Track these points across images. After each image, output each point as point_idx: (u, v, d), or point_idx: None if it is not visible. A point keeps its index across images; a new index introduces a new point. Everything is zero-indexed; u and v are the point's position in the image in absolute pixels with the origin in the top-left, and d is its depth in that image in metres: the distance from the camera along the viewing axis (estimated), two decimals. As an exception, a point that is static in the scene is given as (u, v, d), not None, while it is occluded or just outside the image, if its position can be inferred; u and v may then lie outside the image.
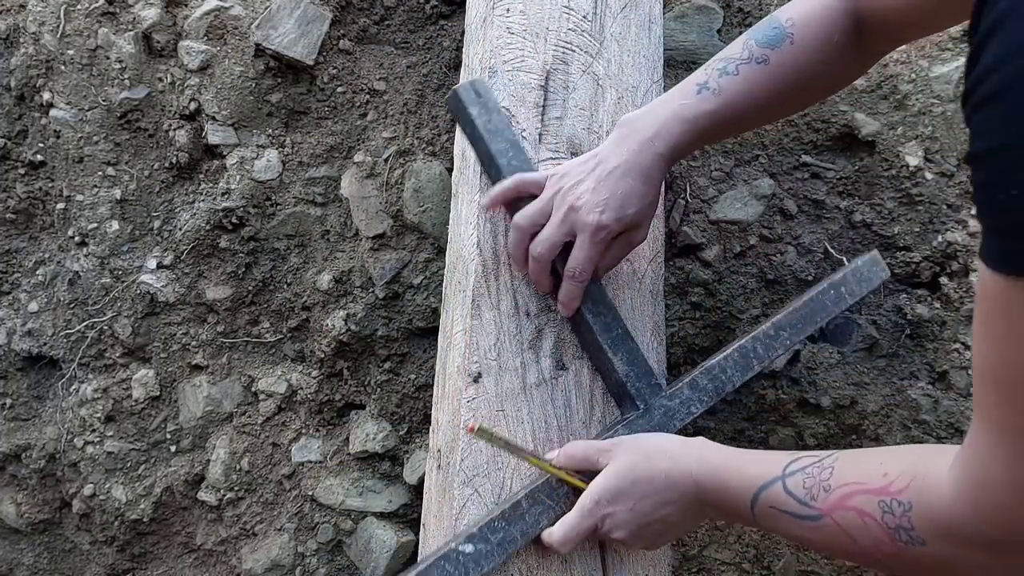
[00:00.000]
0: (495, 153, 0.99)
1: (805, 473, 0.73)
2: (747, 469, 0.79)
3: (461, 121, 1.03)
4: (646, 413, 0.97)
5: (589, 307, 0.98)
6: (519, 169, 0.99)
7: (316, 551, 1.41)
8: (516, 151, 1.00)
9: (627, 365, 0.98)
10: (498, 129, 1.00)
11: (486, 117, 1.00)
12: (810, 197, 1.28)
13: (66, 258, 1.48)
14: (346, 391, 1.41)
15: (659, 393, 0.99)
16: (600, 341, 0.98)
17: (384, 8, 1.45)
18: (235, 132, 1.41)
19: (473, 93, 1.01)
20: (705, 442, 0.87)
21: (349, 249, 1.41)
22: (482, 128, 1.00)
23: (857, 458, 0.72)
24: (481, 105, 1.01)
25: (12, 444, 1.50)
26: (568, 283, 0.95)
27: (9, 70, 1.50)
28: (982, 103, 0.48)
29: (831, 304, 1.11)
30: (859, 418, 1.22)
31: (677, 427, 0.98)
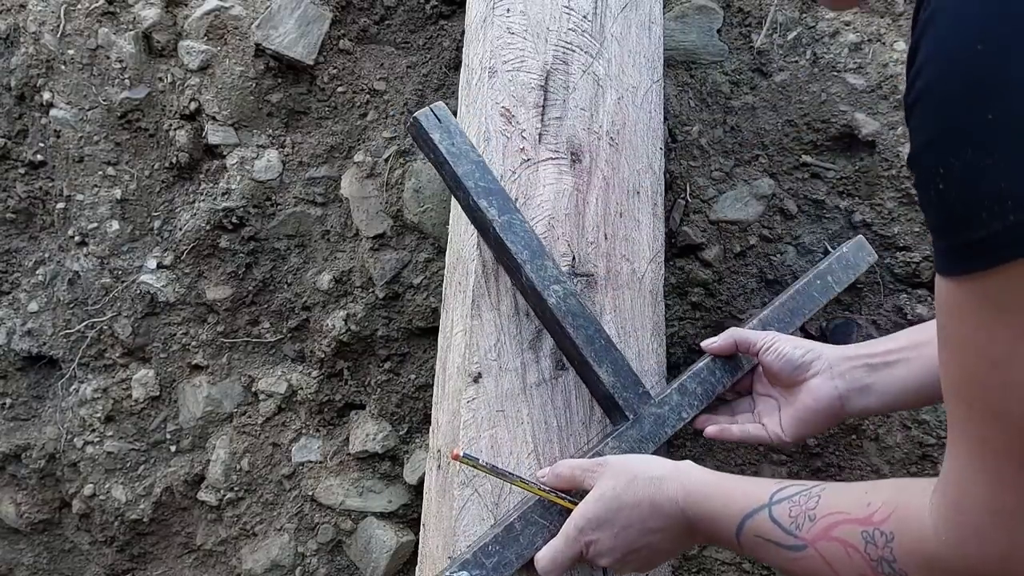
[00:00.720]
0: (461, 176, 0.98)
1: (791, 501, 0.72)
2: (734, 496, 0.78)
3: (424, 147, 1.02)
4: (636, 423, 0.96)
5: (570, 321, 0.96)
6: (487, 190, 0.98)
7: (316, 551, 1.41)
8: (482, 172, 0.99)
9: (613, 376, 0.97)
10: (462, 151, 1.00)
11: (449, 141, 1.00)
12: (810, 197, 1.28)
13: (66, 258, 1.48)
14: (346, 391, 1.41)
15: (648, 401, 0.98)
16: (584, 354, 0.96)
17: (384, 8, 1.45)
18: (235, 132, 1.41)
19: (433, 118, 1.00)
20: (691, 466, 0.85)
21: (349, 249, 1.41)
22: (445, 152, 0.99)
23: (843, 488, 0.71)
24: (443, 130, 1.00)
25: (12, 444, 1.50)
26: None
27: (9, 70, 1.50)
28: (913, 103, 0.48)
29: (818, 295, 1.09)
30: (859, 418, 1.22)
31: (669, 434, 0.97)
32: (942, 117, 0.45)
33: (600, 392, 0.99)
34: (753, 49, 1.32)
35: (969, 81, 0.43)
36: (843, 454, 1.24)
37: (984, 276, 0.46)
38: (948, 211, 0.46)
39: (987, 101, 0.42)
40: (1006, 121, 0.42)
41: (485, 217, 0.97)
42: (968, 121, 0.43)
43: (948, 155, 0.45)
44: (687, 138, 1.31)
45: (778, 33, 1.32)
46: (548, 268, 0.97)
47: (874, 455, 1.22)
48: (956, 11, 0.44)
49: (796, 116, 1.29)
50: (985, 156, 0.43)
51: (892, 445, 1.21)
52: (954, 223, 0.46)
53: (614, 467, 0.87)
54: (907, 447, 1.21)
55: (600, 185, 1.09)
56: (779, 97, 1.30)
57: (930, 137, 0.46)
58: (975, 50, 0.42)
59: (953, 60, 0.44)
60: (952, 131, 0.44)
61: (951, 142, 0.44)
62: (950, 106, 0.44)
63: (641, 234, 1.10)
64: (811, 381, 0.94)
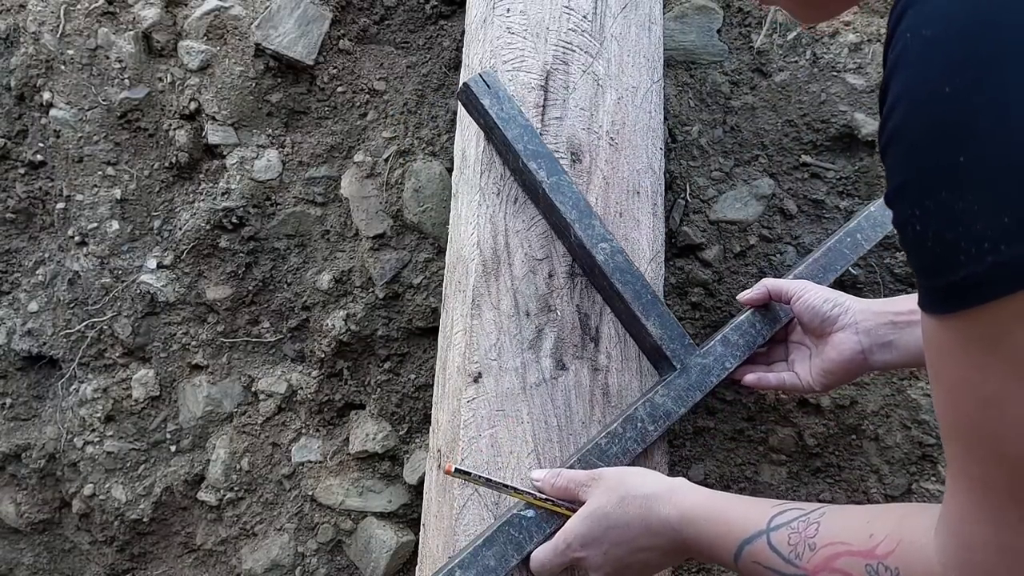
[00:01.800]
0: (511, 139, 1.03)
1: (790, 528, 0.71)
2: (731, 520, 0.77)
3: (474, 112, 1.07)
4: (684, 372, 1.01)
5: (618, 277, 1.01)
6: (536, 153, 1.03)
7: (316, 551, 1.41)
8: (531, 136, 1.04)
9: (660, 328, 1.01)
10: (511, 116, 1.04)
11: (498, 106, 1.05)
12: (810, 197, 1.28)
13: (66, 258, 1.48)
14: (346, 391, 1.41)
15: (693, 352, 1.02)
16: (632, 308, 1.01)
17: (384, 8, 1.45)
18: (235, 132, 1.41)
19: (483, 84, 1.06)
20: (686, 485, 0.84)
21: (349, 249, 1.41)
22: (496, 117, 1.04)
23: (844, 515, 0.70)
24: (492, 95, 1.05)
25: (12, 444, 1.50)
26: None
27: (9, 70, 1.50)
28: (886, 145, 0.48)
29: (849, 252, 1.13)
30: (859, 418, 1.22)
31: (714, 383, 1.02)
32: (914, 160, 0.45)
33: (648, 344, 1.03)
34: (753, 49, 1.33)
35: (938, 123, 0.43)
36: (843, 454, 1.24)
37: (968, 315, 0.46)
38: (927, 252, 0.46)
39: (957, 143, 0.42)
40: (977, 163, 0.42)
41: (535, 179, 1.02)
42: (940, 164, 0.43)
43: (922, 197, 0.45)
44: (687, 138, 1.31)
45: (778, 33, 1.32)
46: (595, 227, 1.02)
47: (874, 455, 1.22)
48: (923, 53, 0.44)
49: (796, 116, 1.29)
50: (958, 198, 0.43)
51: (892, 445, 1.21)
52: (934, 264, 0.46)
53: (608, 482, 0.87)
54: (907, 447, 1.21)
55: (600, 185, 1.09)
56: (779, 97, 1.30)
57: (904, 179, 0.46)
58: (943, 92, 0.42)
59: (922, 102, 0.44)
60: (925, 174, 0.44)
61: (924, 185, 0.44)
62: (921, 149, 0.44)
63: (641, 234, 1.10)
64: (836, 335, 0.96)
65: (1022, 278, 0.42)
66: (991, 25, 0.41)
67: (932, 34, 0.43)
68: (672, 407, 0.99)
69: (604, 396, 1.02)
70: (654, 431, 0.97)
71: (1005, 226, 0.41)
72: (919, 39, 0.44)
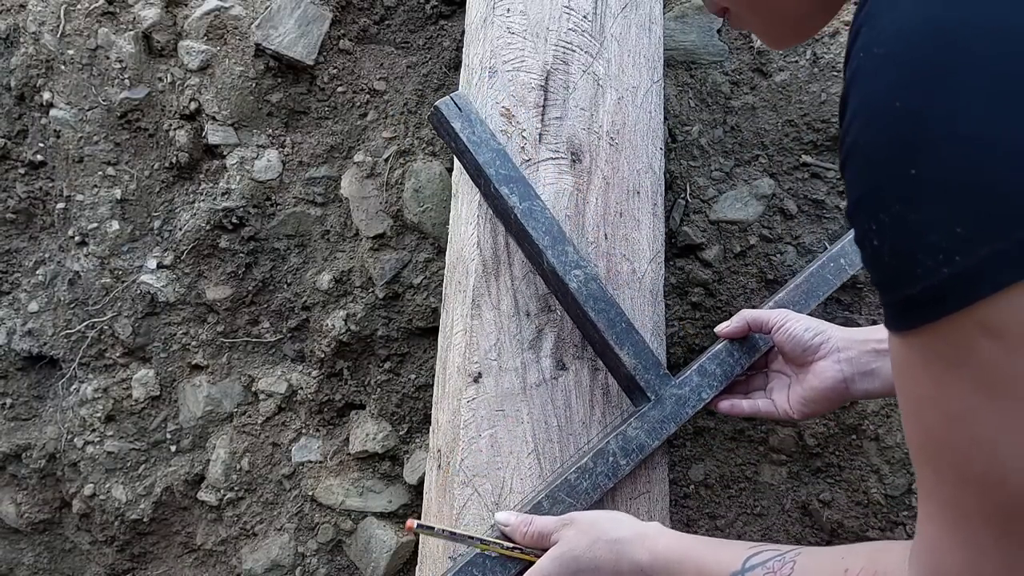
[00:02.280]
0: (482, 164, 1.01)
1: (765, 568, 0.70)
2: (705, 563, 0.76)
3: (445, 136, 1.05)
4: (658, 403, 0.98)
5: (591, 304, 0.98)
6: (508, 177, 1.01)
7: (316, 551, 1.41)
8: (503, 160, 1.01)
9: (634, 358, 0.99)
10: (483, 140, 1.02)
11: (469, 130, 1.02)
12: (810, 197, 1.28)
13: (66, 258, 1.48)
14: (346, 391, 1.41)
15: (669, 382, 1.00)
16: (605, 337, 0.98)
17: (384, 8, 1.45)
18: (235, 132, 1.41)
19: (454, 107, 1.03)
20: (660, 529, 0.83)
21: (349, 249, 1.41)
22: (467, 140, 1.02)
23: (818, 554, 0.69)
24: (464, 118, 1.03)
25: (12, 444, 1.50)
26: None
27: (9, 70, 1.50)
28: (845, 160, 0.48)
29: (832, 277, 1.10)
30: (859, 418, 1.22)
31: (690, 414, 0.99)
32: (869, 174, 0.45)
33: (622, 374, 1.00)
34: (753, 49, 1.32)
35: (891, 138, 0.43)
36: (843, 454, 1.24)
37: (928, 330, 0.45)
38: (885, 267, 0.46)
39: (909, 157, 0.42)
40: (929, 176, 0.42)
41: (506, 204, 1.00)
42: (893, 177, 0.43)
43: (878, 211, 0.45)
44: (687, 138, 1.31)
45: (778, 33, 1.32)
46: (569, 253, 0.99)
47: (874, 455, 1.22)
48: (875, 70, 0.44)
49: (796, 116, 1.29)
50: (912, 211, 0.43)
51: (892, 445, 1.21)
52: (891, 278, 0.46)
53: (580, 525, 0.85)
54: (907, 448, 1.21)
55: (600, 185, 1.09)
56: (779, 97, 1.30)
57: (860, 194, 0.46)
58: (894, 107, 0.42)
59: (874, 117, 0.44)
60: (879, 188, 0.44)
61: (879, 198, 0.44)
62: (875, 163, 0.44)
63: (641, 234, 1.10)
64: (818, 363, 0.94)
65: (977, 289, 0.41)
66: (941, 41, 0.41)
67: (884, 52, 0.44)
68: (645, 440, 0.96)
69: (604, 396, 1.02)
70: (626, 465, 0.95)
71: (958, 236, 0.41)
72: (871, 57, 0.45)
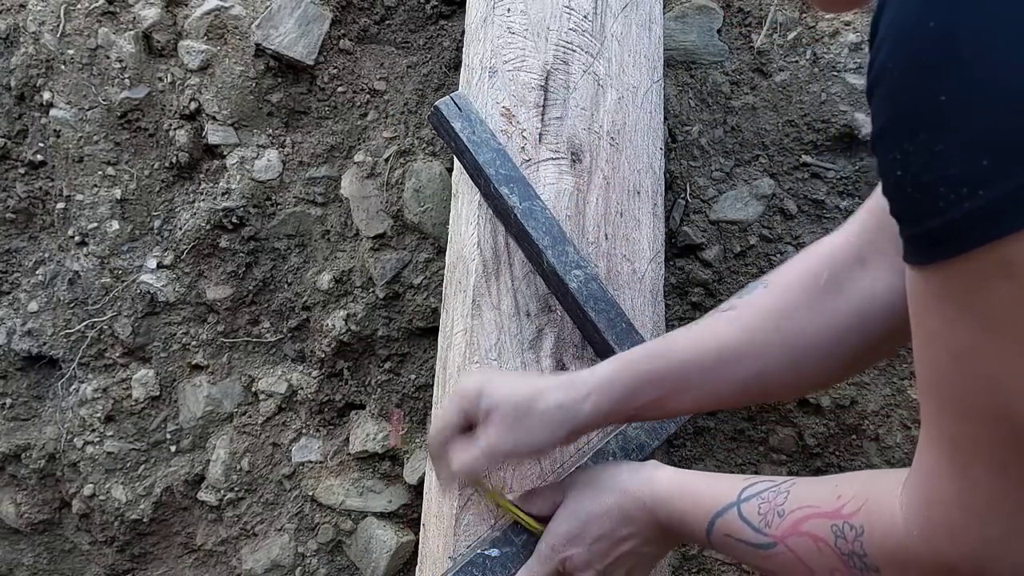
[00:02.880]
0: (483, 164, 1.00)
1: (760, 498, 0.70)
2: (702, 495, 0.75)
3: (445, 135, 1.04)
4: None
5: (591, 305, 0.98)
6: (508, 177, 1.00)
7: (316, 551, 1.41)
8: (503, 159, 1.01)
9: None
10: (483, 140, 1.01)
11: (470, 129, 1.02)
12: (810, 197, 1.28)
13: (66, 258, 1.48)
14: (346, 391, 1.41)
15: None
16: (606, 337, 0.98)
17: (384, 8, 1.45)
18: (235, 132, 1.41)
19: (454, 107, 1.03)
20: (657, 466, 0.83)
21: (349, 249, 1.41)
22: (467, 140, 1.01)
23: (813, 482, 0.68)
24: (464, 118, 1.02)
25: (12, 444, 1.50)
26: None
27: (9, 70, 1.50)
28: (871, 86, 0.46)
29: None
30: (859, 418, 1.22)
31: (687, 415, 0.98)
32: (896, 99, 0.43)
33: None
34: (753, 49, 1.32)
35: (922, 60, 0.40)
36: (843, 454, 1.24)
37: (945, 266, 0.44)
38: (906, 198, 0.44)
39: (939, 81, 0.40)
40: (958, 101, 0.39)
41: (506, 204, 0.99)
42: (921, 103, 0.41)
43: (903, 140, 0.42)
44: (687, 138, 1.31)
45: (778, 33, 1.32)
46: (569, 253, 0.99)
47: (874, 455, 1.22)
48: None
49: (796, 116, 1.29)
50: (938, 139, 0.40)
51: (892, 445, 1.21)
52: (913, 210, 0.44)
53: (579, 482, 0.85)
54: (907, 447, 1.21)
55: (600, 185, 1.09)
56: (779, 97, 1.30)
57: (886, 120, 0.44)
58: (927, 27, 0.40)
59: (906, 39, 0.41)
60: (906, 115, 0.42)
61: (905, 126, 0.42)
62: (904, 87, 0.42)
63: (641, 234, 1.10)
64: None
65: (999, 226, 0.39)
66: None
67: None
68: (645, 439, 0.95)
69: (604, 396, 1.02)
70: None
71: (984, 169, 0.39)
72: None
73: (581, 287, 0.98)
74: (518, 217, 0.99)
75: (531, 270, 1.03)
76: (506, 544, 0.88)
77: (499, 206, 1.01)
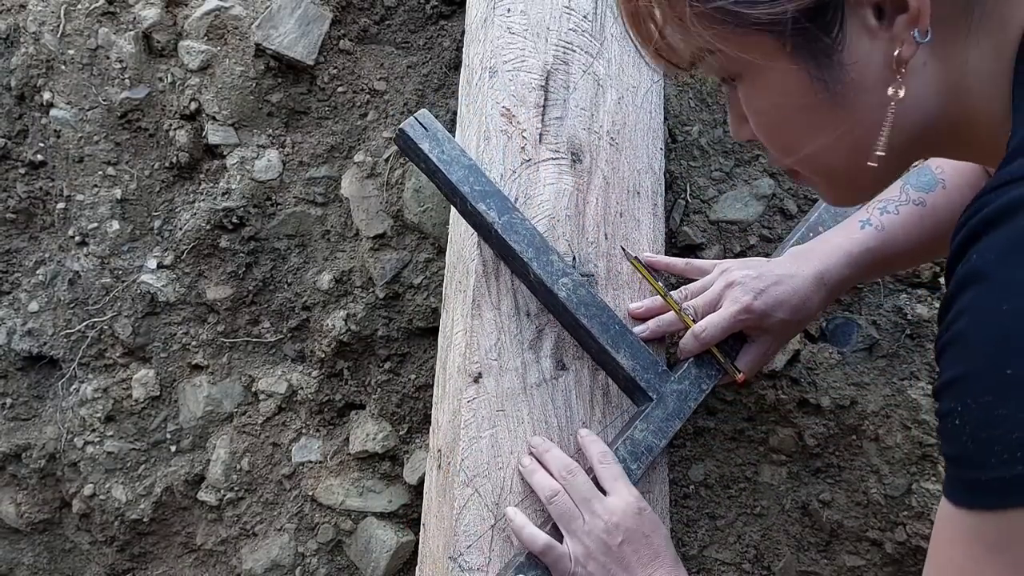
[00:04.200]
0: (456, 182, 0.99)
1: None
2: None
3: (414, 158, 1.02)
4: (660, 402, 0.98)
5: (583, 311, 0.98)
6: (484, 193, 0.99)
7: (316, 551, 1.41)
8: (476, 175, 0.99)
9: (631, 359, 0.99)
10: (453, 157, 1.00)
11: (438, 149, 1.00)
12: (810, 197, 1.28)
13: (66, 258, 1.48)
14: (346, 391, 1.41)
15: (668, 379, 1.00)
16: (600, 342, 0.98)
17: (384, 8, 1.45)
18: (235, 132, 1.41)
19: (419, 127, 1.00)
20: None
21: (349, 249, 1.41)
22: (436, 160, 0.99)
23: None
24: (431, 138, 1.00)
25: (12, 444, 1.50)
26: (690, 339, 1.00)
27: (9, 70, 1.50)
28: (946, 345, 0.52)
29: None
30: (859, 418, 1.22)
31: (693, 407, 1.00)
32: (969, 361, 0.49)
33: (621, 376, 1.00)
34: (753, 49, 1.32)
35: (998, 335, 0.47)
36: (843, 454, 1.24)
37: (986, 515, 0.49)
38: (962, 447, 0.49)
39: (1011, 355, 0.46)
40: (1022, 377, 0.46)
41: (485, 220, 0.98)
42: (991, 370, 0.47)
43: (968, 396, 0.48)
44: (687, 138, 1.32)
45: (778, 33, 1.32)
46: (554, 263, 0.98)
47: (874, 455, 1.22)
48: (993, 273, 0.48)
49: (796, 116, 1.29)
50: (1001, 405, 0.46)
51: (892, 445, 1.21)
52: (966, 459, 0.49)
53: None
54: (907, 447, 1.21)
55: (600, 185, 1.09)
56: (779, 97, 1.30)
57: (955, 375, 0.50)
58: (1001, 308, 0.47)
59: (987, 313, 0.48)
60: (975, 376, 0.48)
61: (973, 385, 0.48)
62: (978, 353, 0.48)
63: (641, 234, 1.10)
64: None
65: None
66: None
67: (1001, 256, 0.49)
68: (653, 441, 0.96)
69: (604, 396, 1.02)
70: (637, 470, 0.94)
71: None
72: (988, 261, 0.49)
73: (570, 295, 0.98)
74: (498, 232, 0.97)
75: (531, 270, 1.03)
76: (532, 568, 0.88)
77: (478, 222, 1.00)
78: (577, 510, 0.87)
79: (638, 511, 0.87)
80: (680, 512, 1.27)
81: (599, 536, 0.85)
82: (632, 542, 0.85)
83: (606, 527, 0.85)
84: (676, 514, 1.26)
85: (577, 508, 0.87)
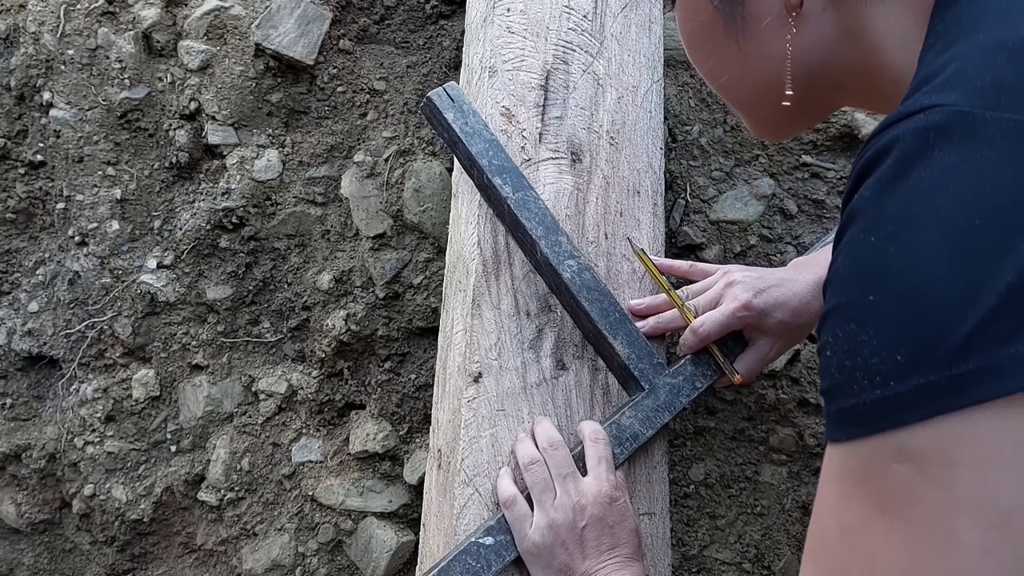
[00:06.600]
0: (475, 154, 1.01)
1: None
2: None
3: (437, 127, 1.05)
4: (652, 392, 0.98)
5: (584, 295, 0.99)
6: (501, 168, 1.01)
7: (316, 551, 1.41)
8: (496, 150, 1.02)
9: (627, 347, 0.99)
10: (475, 131, 1.02)
11: (462, 120, 1.02)
12: (810, 197, 1.28)
13: (66, 258, 1.48)
14: (346, 391, 1.41)
15: (663, 372, 1.00)
16: (599, 327, 0.98)
17: (384, 8, 1.45)
18: (235, 132, 1.41)
19: (447, 98, 1.03)
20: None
21: (349, 249, 1.41)
22: (459, 131, 1.02)
23: None
24: (456, 109, 1.03)
25: (12, 444, 1.50)
26: (689, 334, 1.00)
27: (9, 70, 1.50)
28: (828, 281, 0.52)
29: None
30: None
31: (684, 403, 0.99)
32: (837, 294, 0.50)
33: (615, 363, 1.00)
34: (753, 49, 1.32)
35: (861, 265, 0.48)
36: (843, 453, 1.24)
37: (850, 444, 0.48)
38: (831, 378, 0.49)
39: (871, 284, 0.47)
40: (883, 303, 0.46)
41: (499, 194, 1.00)
42: (855, 299, 0.48)
43: (836, 326, 0.49)
44: (687, 138, 1.31)
45: (778, 33, 1.32)
46: (562, 244, 0.99)
47: (874, 454, 1.22)
48: (864, 210, 0.49)
49: (796, 116, 1.29)
50: (862, 332, 0.47)
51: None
52: (834, 390, 0.49)
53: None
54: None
55: (600, 184, 1.09)
56: (779, 97, 1.30)
57: (827, 308, 0.51)
58: (869, 240, 0.48)
59: (857, 245, 0.49)
60: (842, 306, 0.49)
61: (840, 315, 0.49)
62: (845, 284, 0.49)
63: (641, 234, 1.10)
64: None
65: (903, 415, 0.44)
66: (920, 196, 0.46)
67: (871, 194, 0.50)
68: (639, 429, 0.96)
69: (604, 396, 1.02)
70: (620, 454, 0.95)
71: (897, 363, 0.44)
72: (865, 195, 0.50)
73: (574, 277, 0.99)
74: (511, 207, 0.99)
75: (531, 269, 1.03)
76: (500, 532, 0.88)
77: (492, 196, 1.02)
78: (552, 483, 0.88)
79: (610, 500, 0.87)
80: (680, 512, 1.27)
81: (565, 513, 0.86)
82: (594, 527, 0.85)
83: (574, 506, 0.86)
84: (676, 514, 1.26)
85: (552, 481, 0.89)
